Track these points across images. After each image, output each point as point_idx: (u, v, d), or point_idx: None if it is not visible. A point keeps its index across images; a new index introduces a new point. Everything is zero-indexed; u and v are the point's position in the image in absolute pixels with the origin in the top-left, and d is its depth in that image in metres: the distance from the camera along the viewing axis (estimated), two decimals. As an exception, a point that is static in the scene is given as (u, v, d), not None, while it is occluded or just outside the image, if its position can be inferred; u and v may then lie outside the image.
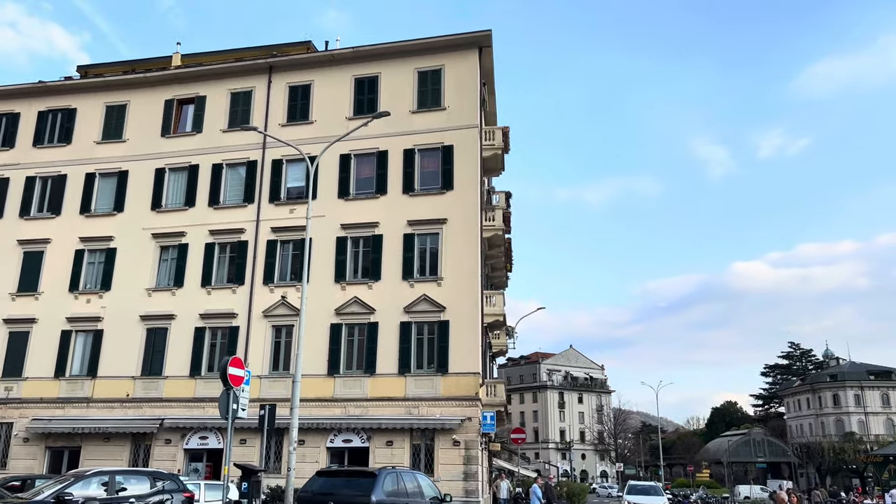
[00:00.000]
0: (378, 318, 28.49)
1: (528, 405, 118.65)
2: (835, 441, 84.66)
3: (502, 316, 30.50)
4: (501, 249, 33.65)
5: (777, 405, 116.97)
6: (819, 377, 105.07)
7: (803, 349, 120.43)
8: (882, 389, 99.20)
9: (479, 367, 27.60)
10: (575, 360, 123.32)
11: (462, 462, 26.35)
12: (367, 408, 27.52)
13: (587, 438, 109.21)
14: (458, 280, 28.30)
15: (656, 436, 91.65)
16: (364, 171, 30.68)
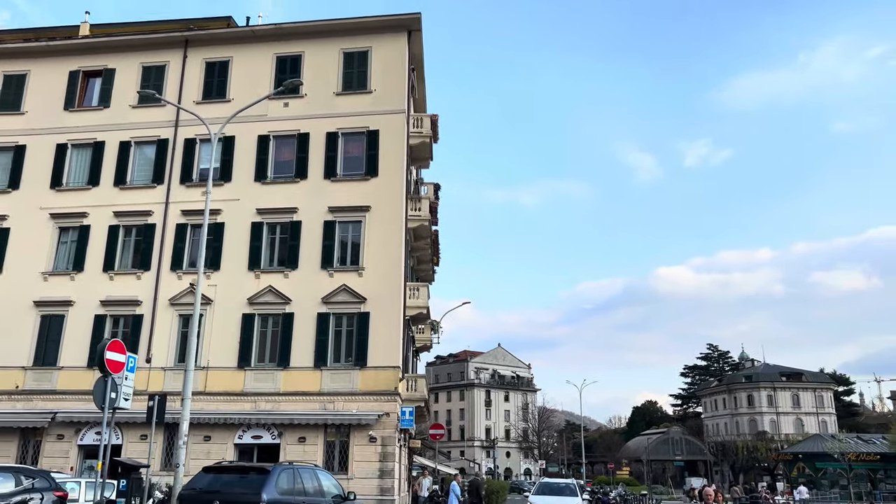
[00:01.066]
0: (294, 308, 27.11)
1: (454, 403, 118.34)
2: (748, 439, 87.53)
3: (426, 309, 29.55)
4: (428, 241, 32.71)
5: (695, 405, 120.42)
6: (735, 378, 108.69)
7: (721, 351, 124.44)
8: (793, 390, 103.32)
9: (400, 362, 26.59)
10: (503, 358, 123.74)
11: (378, 459, 25.28)
12: (280, 402, 26.11)
13: (512, 436, 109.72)
14: (381, 270, 27.21)
15: (579, 434, 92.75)
16: (284, 153, 29.20)
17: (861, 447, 67.32)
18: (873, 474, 67.78)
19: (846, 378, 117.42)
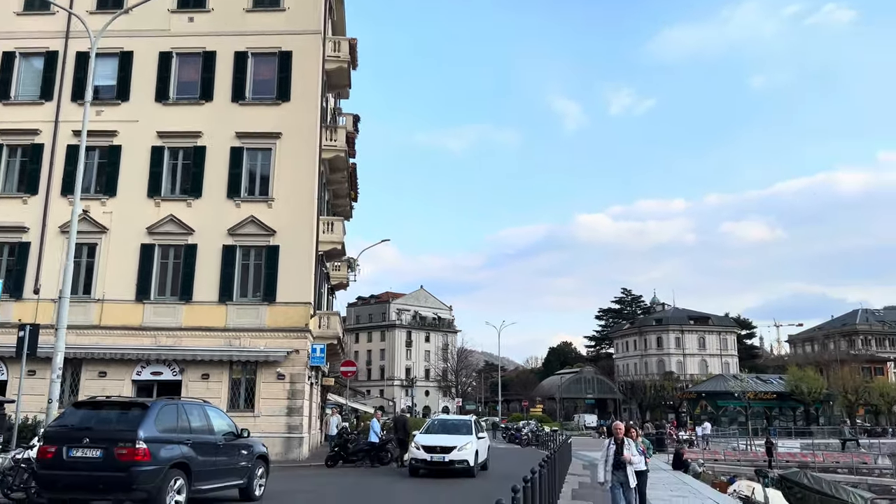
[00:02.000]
0: (197, 239, 25.54)
1: (375, 343, 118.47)
2: (656, 379, 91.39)
3: (341, 245, 28.47)
4: (345, 174, 31.37)
5: (608, 346, 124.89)
6: (646, 321, 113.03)
7: (634, 295, 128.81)
8: (699, 333, 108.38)
9: (312, 298, 25.59)
10: (425, 300, 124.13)
11: (286, 397, 24.47)
12: (182, 338, 24.78)
13: (431, 376, 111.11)
14: (292, 202, 25.88)
15: (497, 374, 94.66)
16: (188, 72, 27.05)
17: (760, 386, 71.32)
18: (769, 412, 72.18)
19: (749, 322, 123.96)
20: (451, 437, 19.29)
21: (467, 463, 18.55)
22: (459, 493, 15.46)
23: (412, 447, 19.58)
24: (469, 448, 18.82)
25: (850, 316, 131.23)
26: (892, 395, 76.78)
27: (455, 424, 20.88)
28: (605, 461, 10.99)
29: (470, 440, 19.22)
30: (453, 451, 18.48)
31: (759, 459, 34.51)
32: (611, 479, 10.82)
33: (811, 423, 69.62)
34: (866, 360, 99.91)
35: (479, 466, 19.59)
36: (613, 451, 10.91)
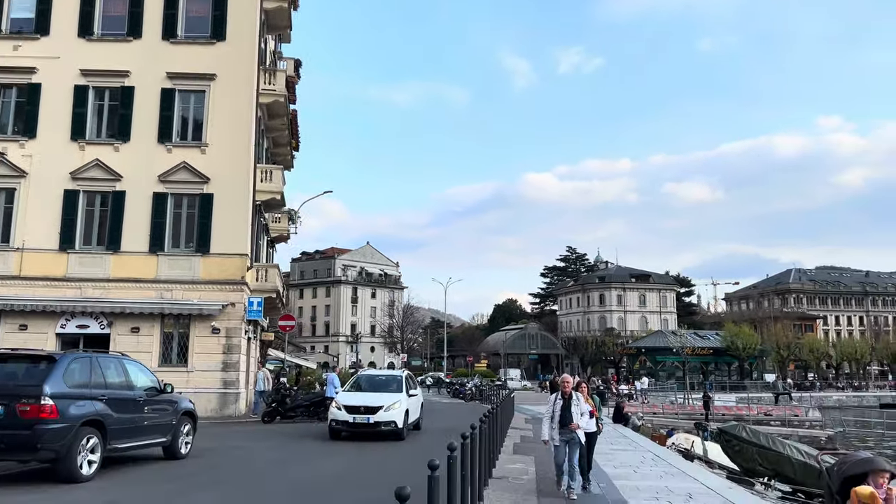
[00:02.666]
0: (126, 186, 24.08)
1: (321, 299, 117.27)
2: (598, 335, 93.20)
3: (280, 195, 27.32)
4: (285, 121, 30.00)
5: (552, 303, 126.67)
6: (589, 279, 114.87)
7: (579, 254, 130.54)
8: (640, 291, 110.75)
9: (248, 249, 24.55)
10: (371, 256, 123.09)
11: (222, 351, 23.57)
12: (110, 289, 23.50)
13: (377, 332, 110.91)
14: (227, 148, 24.57)
15: (443, 330, 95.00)
16: (114, 6, 25.15)
17: (697, 342, 73.39)
18: (705, 367, 74.53)
19: (688, 280, 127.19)
20: (378, 395, 16.96)
21: (395, 425, 16.31)
22: (395, 449, 14.99)
23: (332, 407, 17.19)
24: (398, 408, 16.54)
25: (783, 275, 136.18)
26: (821, 350, 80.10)
27: (383, 381, 18.49)
28: (549, 418, 9.91)
29: (399, 399, 16.88)
30: (379, 412, 16.20)
31: (696, 413, 35.38)
32: (557, 437, 9.74)
33: (745, 377, 72.17)
34: (798, 318, 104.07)
35: (409, 427, 17.43)
36: (560, 407, 9.84)
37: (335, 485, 10.57)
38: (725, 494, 10.34)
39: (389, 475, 10.60)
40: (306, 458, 13.47)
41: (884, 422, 29.47)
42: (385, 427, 16.26)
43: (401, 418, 16.55)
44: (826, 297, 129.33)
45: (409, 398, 17.63)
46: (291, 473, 11.41)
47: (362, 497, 9.36)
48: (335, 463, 12.99)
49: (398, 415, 16.51)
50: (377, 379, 19.12)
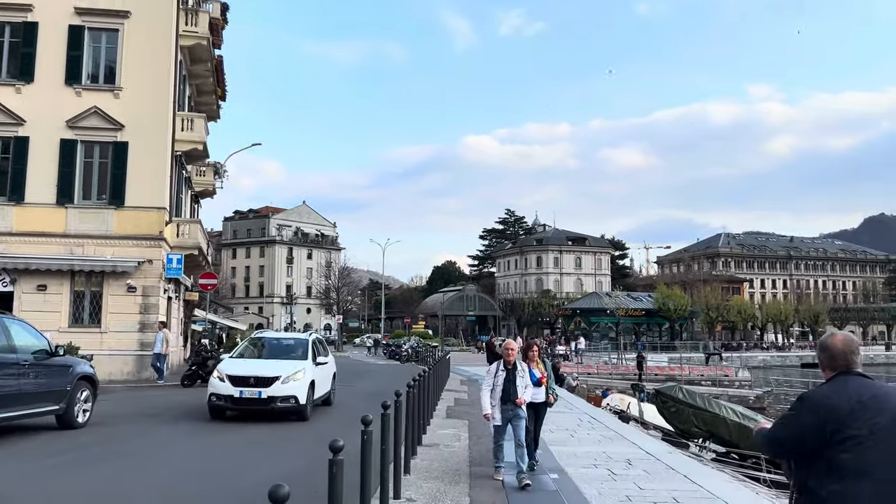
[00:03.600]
0: (30, 131, 22.03)
1: (254, 259, 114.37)
2: (534, 297, 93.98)
3: (202, 145, 25.59)
4: (209, 67, 28.07)
5: (490, 265, 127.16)
6: (527, 241, 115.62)
7: (517, 216, 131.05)
8: (577, 254, 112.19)
9: (167, 203, 22.92)
10: (307, 216, 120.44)
11: (139, 311, 22.08)
12: (12, 244, 21.62)
13: (314, 293, 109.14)
14: (144, 93, 22.72)
15: (381, 292, 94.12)
16: (12, -70, 22.65)
17: (630, 304, 74.67)
18: (638, 327, 76.00)
19: (622, 244, 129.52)
20: (276, 363, 13.49)
21: (295, 400, 12.77)
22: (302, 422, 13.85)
23: (213, 377, 13.51)
24: (300, 379, 13.05)
25: (713, 239, 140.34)
26: (748, 312, 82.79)
27: (284, 346, 15.01)
28: (489, 390, 8.25)
29: (302, 367, 13.40)
30: (275, 384, 12.70)
31: (630, 373, 35.69)
32: (498, 416, 8.10)
33: (675, 338, 74.01)
34: (726, 281, 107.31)
35: (314, 404, 13.89)
36: (503, 378, 8.18)
37: (241, 457, 9.61)
38: (665, 460, 9.85)
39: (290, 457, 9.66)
40: (218, 428, 12.44)
41: (807, 381, 30.18)
42: (282, 403, 12.68)
43: (303, 392, 12.93)
44: (753, 260, 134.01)
45: (315, 367, 14.02)
46: (197, 443, 10.39)
47: (262, 477, 8.42)
48: (247, 434, 11.99)
49: (300, 388, 12.92)
50: (277, 343, 15.47)
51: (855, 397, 3.21)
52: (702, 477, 8.78)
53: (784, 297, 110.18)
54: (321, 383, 14.47)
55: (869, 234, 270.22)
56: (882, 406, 3.18)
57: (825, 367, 3.41)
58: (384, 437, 6.02)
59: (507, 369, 8.23)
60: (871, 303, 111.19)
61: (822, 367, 3.43)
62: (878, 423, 3.13)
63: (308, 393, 13.16)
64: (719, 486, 8.27)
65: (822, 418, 3.19)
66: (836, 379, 3.33)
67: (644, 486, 7.98)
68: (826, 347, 3.40)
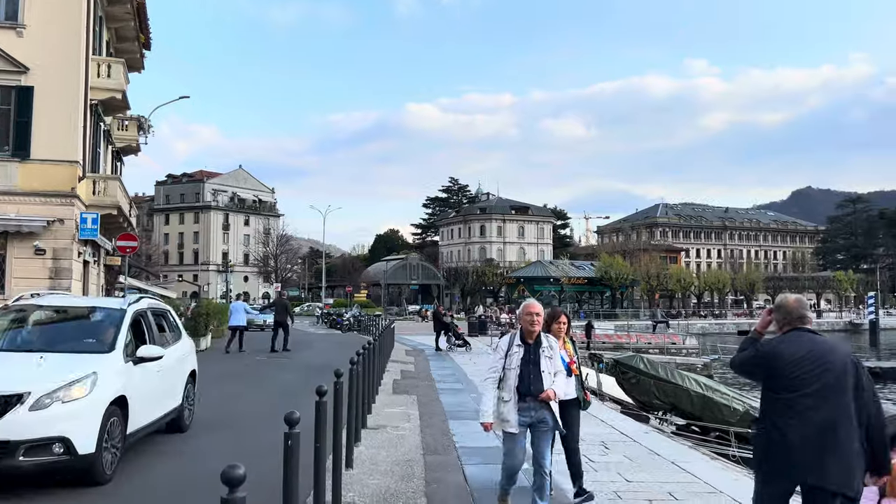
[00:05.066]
0: (-85, 71, 19.29)
1: (188, 225, 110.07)
2: (478, 266, 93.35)
3: (121, 93, 23.15)
4: (129, 9, 25.38)
5: (434, 234, 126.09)
6: (471, 210, 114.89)
7: (461, 185, 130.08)
8: (519, 223, 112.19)
9: (80, 156, 20.55)
10: (244, 181, 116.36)
11: (48, 276, 19.81)
12: None
13: (251, 261, 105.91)
14: (51, 32, 20.13)
15: (322, 260, 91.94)
16: None
17: (574, 272, 74.73)
18: (580, 295, 76.27)
19: (564, 213, 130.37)
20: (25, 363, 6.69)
21: (66, 446, 6.06)
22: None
23: None
24: (80, 398, 6.31)
25: (651, 209, 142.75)
26: (687, 281, 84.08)
27: (72, 324, 8.23)
28: (495, 381, 5.31)
29: (90, 372, 6.49)
30: (15, 413, 6.00)
31: (577, 342, 35.02)
32: (514, 417, 5.19)
33: (616, 306, 74.56)
34: (664, 250, 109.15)
35: (135, 439, 7.28)
36: (519, 359, 5.27)
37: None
38: (645, 442, 8.73)
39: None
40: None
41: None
42: (32, 458, 5.96)
43: (88, 427, 6.26)
44: (689, 230, 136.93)
45: (132, 368, 7.24)
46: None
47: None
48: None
49: (81, 418, 6.25)
50: (56, 317, 8.32)
51: (806, 347, 3.75)
52: (692, 463, 7.66)
53: (719, 267, 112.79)
54: (149, 398, 7.60)
55: (797, 206, 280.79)
56: (826, 358, 3.72)
57: (780, 324, 3.93)
58: (318, 434, 4.58)
59: (528, 345, 5.31)
60: (802, 272, 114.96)
61: (777, 325, 3.94)
62: (822, 373, 3.69)
63: (106, 426, 6.40)
64: (715, 476, 7.14)
65: (775, 364, 3.75)
66: (789, 333, 3.87)
67: (631, 478, 6.79)
68: (781, 306, 3.95)
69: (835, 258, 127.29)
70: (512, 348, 5.35)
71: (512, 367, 5.28)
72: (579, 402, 6.15)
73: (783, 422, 3.71)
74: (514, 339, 5.43)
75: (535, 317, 5.36)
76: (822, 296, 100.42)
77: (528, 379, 5.22)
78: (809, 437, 3.63)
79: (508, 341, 5.45)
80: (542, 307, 5.49)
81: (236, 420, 9.76)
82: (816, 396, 3.64)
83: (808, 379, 3.66)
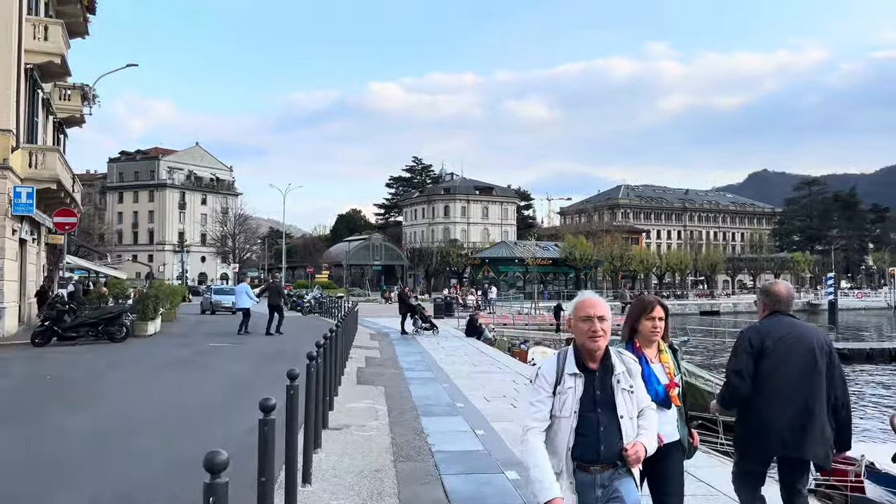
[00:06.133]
0: None
1: (143, 204, 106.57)
2: (442, 246, 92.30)
3: (60, 58, 21.38)
4: (69, -33, 23.53)
5: (397, 214, 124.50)
6: (435, 190, 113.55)
7: (425, 164, 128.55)
8: (484, 203, 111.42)
9: (13, 124, 18.87)
10: (201, 158, 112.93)
11: (-22, 256, 18.21)
12: None
13: (209, 240, 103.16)
14: (-21, -13, 18.34)
15: (282, 240, 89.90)
16: None
17: (539, 252, 74.23)
18: (544, 276, 75.83)
19: (527, 194, 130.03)
20: None
21: None
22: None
23: None
24: None
25: (613, 191, 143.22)
26: (650, 261, 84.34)
27: None
28: (543, 433, 3.04)
29: None
30: None
31: (545, 323, 34.42)
32: (570, 497, 2.98)
33: (580, 286, 74.36)
34: (627, 231, 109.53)
35: None
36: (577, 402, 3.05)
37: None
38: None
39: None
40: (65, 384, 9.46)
41: (725, 330, 29.73)
42: None
43: None
44: (650, 212, 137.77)
45: None
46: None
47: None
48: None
49: None
50: None
51: (786, 329, 4.08)
52: (700, 469, 6.72)
53: (679, 248, 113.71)
54: None
55: (754, 189, 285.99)
56: (805, 340, 4.05)
57: (765, 307, 4.25)
58: (263, 468, 3.46)
59: (590, 373, 3.10)
60: (760, 253, 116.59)
61: (762, 307, 4.28)
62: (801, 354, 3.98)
63: None
64: (711, 475, 6.21)
65: (763, 341, 4.03)
66: (771, 316, 4.20)
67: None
68: (772, 293, 4.28)
69: (791, 239, 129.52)
70: (563, 380, 3.09)
71: (564, 415, 3.05)
72: (683, 447, 3.76)
73: (764, 400, 3.91)
74: (564, 362, 3.15)
75: (599, 322, 3.08)
76: (779, 276, 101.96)
77: (594, 434, 3.03)
78: (790, 416, 3.86)
79: (556, 367, 3.14)
80: (605, 305, 3.17)
81: (160, 421, 8.58)
82: (796, 377, 3.88)
83: (789, 360, 3.89)
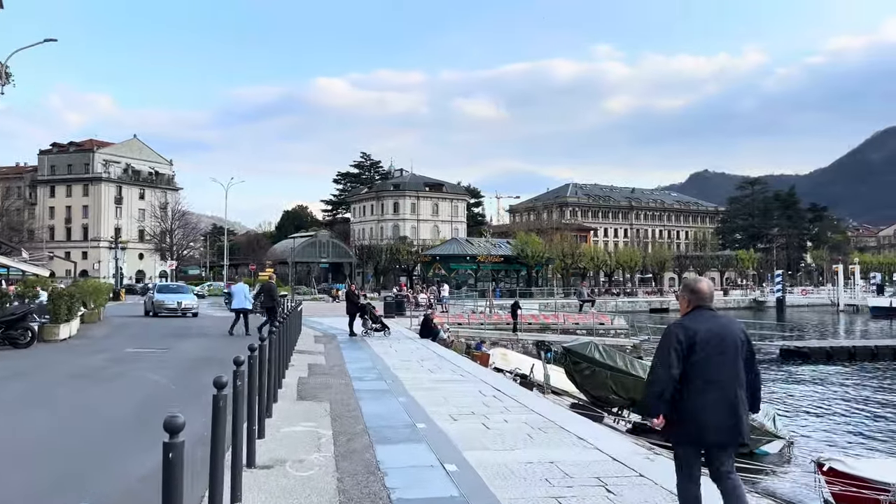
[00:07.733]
0: None
1: (76, 199, 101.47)
2: (391, 243, 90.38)
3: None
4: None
5: (345, 211, 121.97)
6: (384, 186, 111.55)
7: (373, 160, 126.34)
8: (434, 200, 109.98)
9: None
10: (139, 152, 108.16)
11: None
12: None
13: (146, 237, 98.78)
14: None
15: (225, 237, 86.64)
16: None
17: (491, 250, 73.12)
18: (496, 274, 74.73)
19: (478, 191, 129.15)
20: None
21: None
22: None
23: None
24: None
25: (562, 189, 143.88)
26: (601, 259, 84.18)
27: None
28: None
29: None
30: None
31: (502, 322, 33.02)
32: None
33: (532, 284, 73.56)
34: (576, 229, 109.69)
35: None
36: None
37: None
38: (654, 478, 6.27)
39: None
40: None
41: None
42: None
43: None
44: (598, 210, 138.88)
45: None
46: None
47: None
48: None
49: None
50: None
51: (707, 324, 4.32)
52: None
53: (626, 245, 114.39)
54: None
55: (696, 188, 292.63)
56: (726, 332, 4.32)
57: (689, 303, 4.48)
58: None
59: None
60: (704, 251, 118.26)
61: (685, 303, 4.51)
62: (726, 345, 4.27)
63: None
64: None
65: (687, 338, 4.24)
66: (693, 311, 4.45)
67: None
68: (695, 290, 4.49)
69: (734, 238, 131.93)
70: None
71: None
72: None
73: (697, 390, 4.18)
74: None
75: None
76: (724, 274, 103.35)
77: None
78: (725, 405, 4.19)
79: None
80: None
81: (36, 453, 6.69)
82: (727, 366, 4.23)
83: (715, 351, 4.23)
